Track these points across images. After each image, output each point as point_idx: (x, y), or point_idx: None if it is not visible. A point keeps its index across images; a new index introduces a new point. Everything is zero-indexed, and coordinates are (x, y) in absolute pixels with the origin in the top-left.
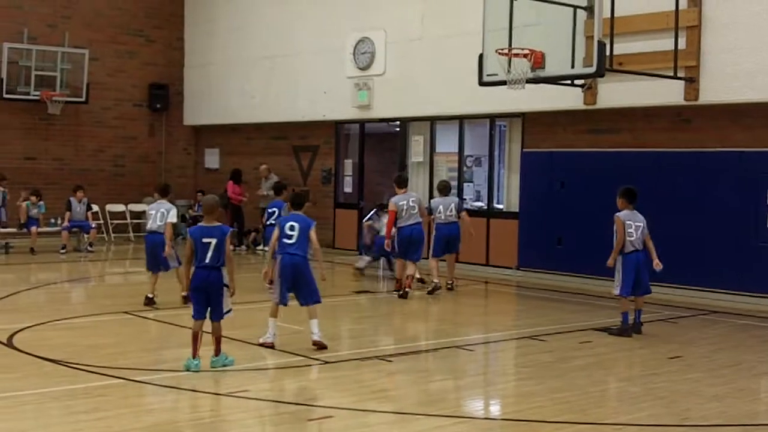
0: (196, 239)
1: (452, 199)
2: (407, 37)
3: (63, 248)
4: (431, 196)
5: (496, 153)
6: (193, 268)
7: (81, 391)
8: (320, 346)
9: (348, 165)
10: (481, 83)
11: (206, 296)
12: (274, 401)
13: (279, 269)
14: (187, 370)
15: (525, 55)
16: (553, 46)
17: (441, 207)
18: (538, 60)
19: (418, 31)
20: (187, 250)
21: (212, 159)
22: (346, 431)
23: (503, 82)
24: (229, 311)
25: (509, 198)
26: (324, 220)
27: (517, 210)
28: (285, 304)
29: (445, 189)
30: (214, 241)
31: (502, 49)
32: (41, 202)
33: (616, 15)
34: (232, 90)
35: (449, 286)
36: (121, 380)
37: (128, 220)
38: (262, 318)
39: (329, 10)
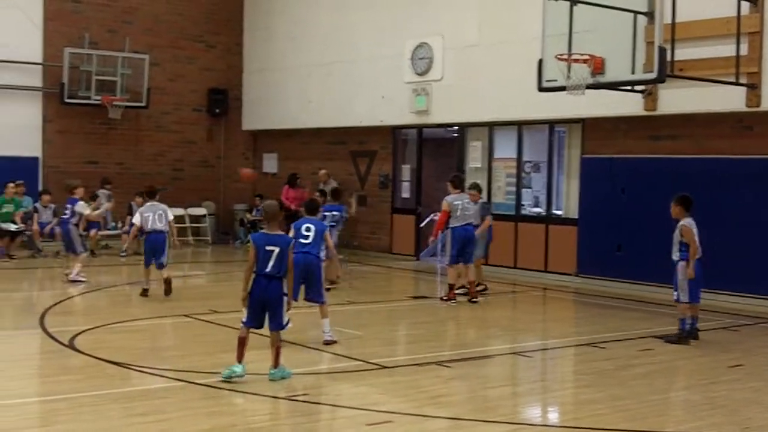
0: (259, 246)
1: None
2: (465, 42)
3: (123, 251)
4: (489, 201)
5: (555, 159)
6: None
7: (141, 394)
8: (330, 344)
9: (405, 170)
10: (541, 89)
11: (263, 306)
12: (332, 405)
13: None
14: (229, 379)
15: (585, 61)
16: (613, 51)
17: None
18: (598, 65)
19: (476, 36)
20: (251, 257)
21: (270, 163)
22: None
23: (563, 88)
24: (287, 323)
25: (568, 204)
26: (381, 225)
27: (576, 216)
28: (296, 300)
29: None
30: (277, 249)
31: (561, 55)
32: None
33: (676, 20)
34: (291, 95)
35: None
36: (181, 383)
37: (187, 224)
38: (318, 322)
39: (387, 17)
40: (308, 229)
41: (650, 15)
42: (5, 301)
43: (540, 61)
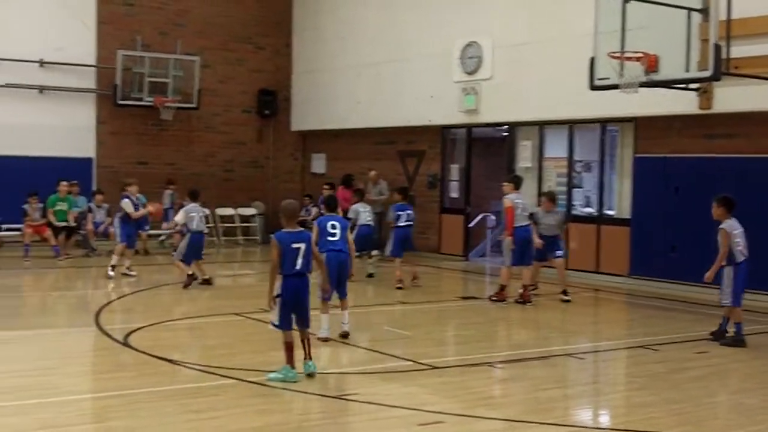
0: (285, 245)
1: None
2: (515, 41)
3: (175, 251)
4: (539, 202)
5: (607, 158)
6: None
7: (194, 391)
8: (346, 336)
9: (454, 170)
10: (593, 87)
11: (296, 305)
12: (383, 405)
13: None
14: (282, 380)
15: (638, 59)
16: (667, 49)
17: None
18: (651, 63)
19: (526, 34)
20: (275, 256)
21: (319, 164)
22: None
23: (615, 86)
24: None
25: (620, 204)
26: (429, 225)
27: (628, 216)
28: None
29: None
30: (303, 246)
31: (614, 53)
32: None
33: (732, 17)
34: (339, 95)
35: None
36: (233, 380)
37: (237, 224)
38: (370, 321)
39: (436, 16)
40: (333, 227)
41: (705, 12)
42: (61, 299)
43: (592, 59)
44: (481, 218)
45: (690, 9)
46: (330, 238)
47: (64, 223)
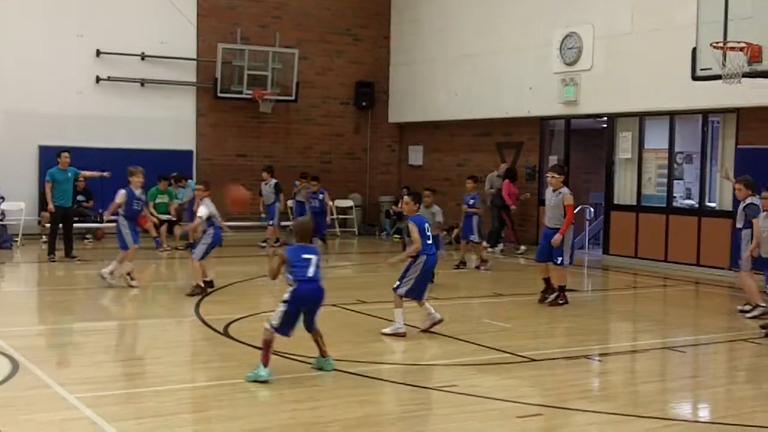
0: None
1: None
2: (616, 31)
3: (277, 241)
4: (639, 193)
5: (708, 149)
6: None
7: (293, 381)
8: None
9: (553, 162)
10: (695, 78)
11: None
12: (482, 397)
13: (424, 267)
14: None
15: (741, 49)
16: None
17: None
18: (755, 54)
19: (628, 25)
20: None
21: (416, 156)
22: (556, 430)
23: (718, 77)
24: None
25: (722, 196)
26: (528, 217)
27: (730, 209)
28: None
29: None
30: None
31: (717, 43)
32: None
33: None
34: (437, 87)
35: None
36: (332, 371)
37: (334, 216)
38: (468, 313)
39: (535, 7)
40: (428, 229)
41: None
42: (162, 289)
43: (694, 50)
44: (579, 210)
45: None
46: (429, 242)
47: (165, 216)
